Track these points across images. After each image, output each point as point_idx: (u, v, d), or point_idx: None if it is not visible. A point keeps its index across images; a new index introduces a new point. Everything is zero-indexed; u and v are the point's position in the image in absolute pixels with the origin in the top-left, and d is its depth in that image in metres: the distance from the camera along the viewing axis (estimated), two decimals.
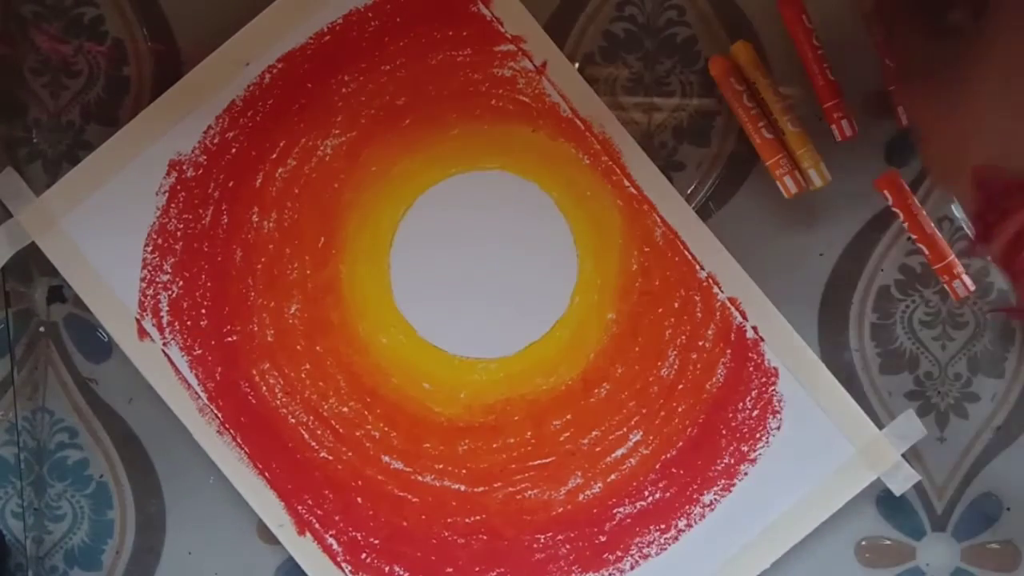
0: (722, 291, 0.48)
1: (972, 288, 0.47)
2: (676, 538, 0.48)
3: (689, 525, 0.48)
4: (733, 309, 0.48)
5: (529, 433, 0.49)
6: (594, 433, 0.49)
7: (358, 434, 0.48)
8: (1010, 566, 0.50)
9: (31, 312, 0.49)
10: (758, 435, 0.48)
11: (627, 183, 0.48)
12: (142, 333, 0.48)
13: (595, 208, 0.48)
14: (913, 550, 0.50)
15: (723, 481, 0.48)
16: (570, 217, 0.48)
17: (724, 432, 0.48)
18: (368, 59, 0.48)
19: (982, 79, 0.34)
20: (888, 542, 0.50)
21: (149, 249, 0.48)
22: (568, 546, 0.49)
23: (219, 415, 0.48)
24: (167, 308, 0.48)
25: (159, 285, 0.48)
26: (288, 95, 0.48)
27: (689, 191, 0.49)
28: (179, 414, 0.48)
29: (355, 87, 0.48)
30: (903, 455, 0.48)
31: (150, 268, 0.48)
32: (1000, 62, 0.34)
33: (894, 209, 0.47)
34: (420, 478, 0.49)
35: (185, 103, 0.48)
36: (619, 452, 0.48)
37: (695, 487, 0.48)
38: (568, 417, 0.48)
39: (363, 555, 0.49)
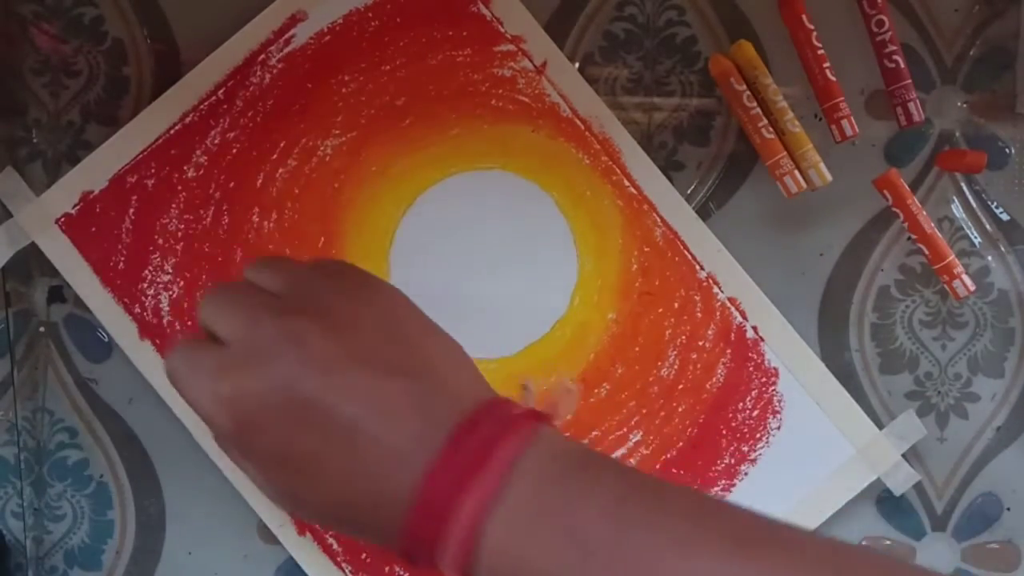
0: (722, 291, 0.48)
1: (972, 288, 0.47)
2: None
3: None
4: (733, 309, 0.48)
5: None
6: (594, 433, 0.48)
7: None
8: (1010, 566, 0.50)
9: (31, 312, 0.49)
10: (758, 435, 0.48)
11: (627, 183, 0.48)
12: (142, 333, 0.48)
13: (595, 208, 0.48)
14: (913, 550, 0.50)
15: (723, 481, 0.48)
16: (570, 217, 0.48)
17: (724, 432, 0.48)
18: (368, 59, 0.48)
19: None
20: (888, 542, 0.50)
21: (150, 249, 0.48)
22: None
23: None
24: (167, 308, 0.48)
25: (160, 285, 0.48)
26: (288, 95, 0.48)
27: (689, 191, 0.49)
28: (179, 414, 0.48)
29: (355, 87, 0.48)
30: (903, 455, 0.48)
31: (151, 268, 0.48)
32: None
33: (894, 209, 0.47)
34: None
35: (185, 103, 0.48)
36: (619, 452, 0.48)
37: (695, 487, 0.48)
38: (568, 417, 0.48)
39: (363, 555, 0.49)
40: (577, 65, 0.48)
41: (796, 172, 0.47)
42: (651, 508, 0.32)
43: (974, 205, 0.49)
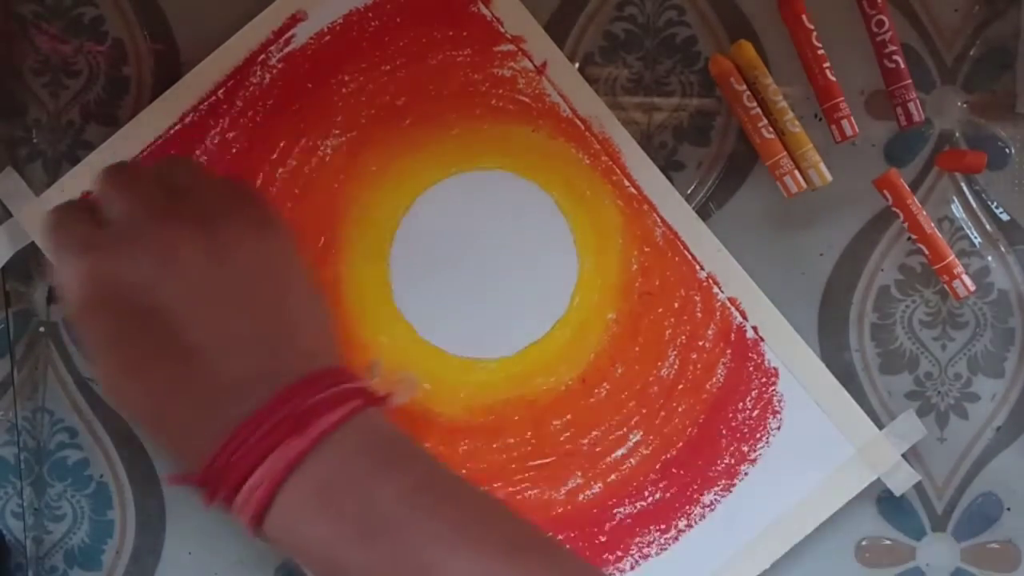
0: (722, 291, 0.48)
1: (972, 288, 0.47)
2: (676, 538, 0.48)
3: (689, 525, 0.48)
4: (733, 309, 0.48)
5: (529, 433, 0.48)
6: (594, 433, 0.48)
7: None
8: (1010, 566, 0.50)
9: (31, 312, 0.49)
10: (758, 435, 0.48)
11: (627, 183, 0.48)
12: None
13: (595, 208, 0.48)
14: (913, 550, 0.50)
15: (723, 481, 0.48)
16: (570, 217, 0.48)
17: (724, 432, 0.48)
18: (368, 59, 0.48)
19: None
20: (888, 542, 0.50)
21: None
22: (568, 546, 0.48)
23: None
24: None
25: None
26: (288, 95, 0.48)
27: (689, 191, 0.49)
28: None
29: (355, 87, 0.48)
30: (903, 455, 0.48)
31: None
32: None
33: (894, 209, 0.47)
34: None
35: (185, 103, 0.48)
36: (619, 452, 0.48)
37: (695, 487, 0.48)
38: (568, 417, 0.48)
39: None
40: (577, 65, 0.48)
41: (796, 172, 0.47)
42: (444, 500, 0.33)
43: (974, 205, 0.49)
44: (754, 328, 0.48)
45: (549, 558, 0.33)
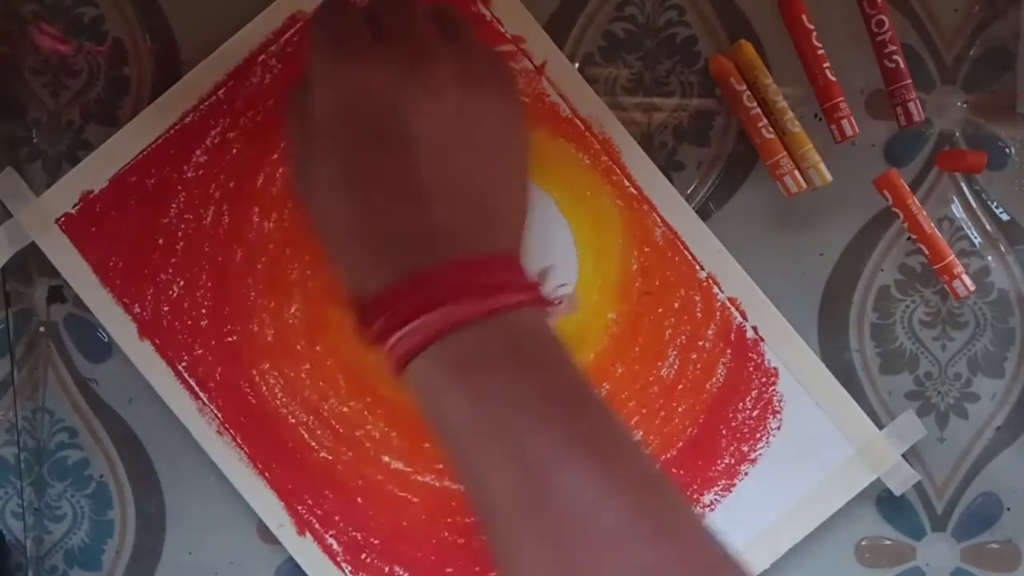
0: (722, 291, 0.48)
1: (972, 288, 0.47)
2: None
3: None
4: (733, 309, 0.48)
5: None
6: None
7: (358, 434, 0.48)
8: (1010, 566, 0.50)
9: (31, 312, 0.49)
10: (758, 435, 0.48)
11: (627, 183, 0.48)
12: (142, 333, 0.48)
13: (595, 208, 0.48)
14: (913, 550, 0.50)
15: (723, 481, 0.48)
16: (570, 217, 0.48)
17: (724, 432, 0.48)
18: None
19: None
20: (888, 542, 0.50)
21: (149, 249, 0.48)
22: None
23: (219, 415, 0.48)
24: (167, 308, 0.48)
25: (160, 285, 0.48)
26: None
27: (689, 191, 0.49)
28: (179, 414, 0.48)
29: None
30: (903, 455, 0.48)
31: (151, 268, 0.48)
32: None
33: (894, 209, 0.47)
34: (420, 478, 0.49)
35: (185, 103, 0.48)
36: None
37: (695, 487, 0.48)
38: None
39: (363, 555, 0.49)
40: (577, 65, 0.48)
41: (796, 172, 0.47)
42: (573, 415, 0.34)
43: (974, 205, 0.49)
44: (754, 328, 0.48)
45: (656, 499, 0.33)
